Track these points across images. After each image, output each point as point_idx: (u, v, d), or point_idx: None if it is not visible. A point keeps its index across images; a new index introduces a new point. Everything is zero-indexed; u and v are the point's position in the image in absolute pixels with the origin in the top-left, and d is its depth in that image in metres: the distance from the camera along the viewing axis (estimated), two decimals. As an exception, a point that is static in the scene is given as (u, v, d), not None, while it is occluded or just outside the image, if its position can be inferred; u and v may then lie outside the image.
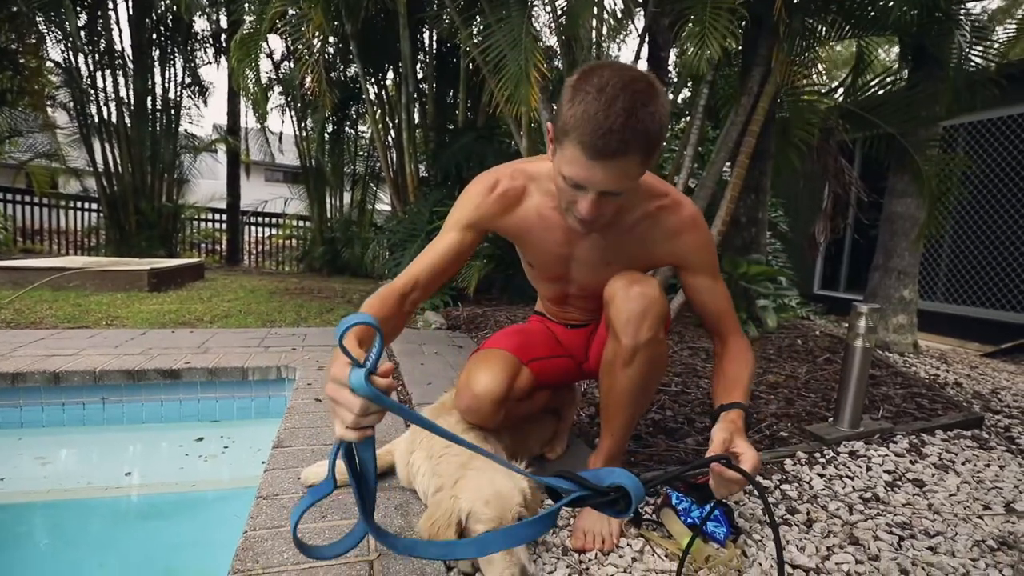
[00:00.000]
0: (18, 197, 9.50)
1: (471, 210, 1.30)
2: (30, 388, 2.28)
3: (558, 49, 4.60)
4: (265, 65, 8.51)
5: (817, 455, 1.86)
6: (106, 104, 7.84)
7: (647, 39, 4.95)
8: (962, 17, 3.62)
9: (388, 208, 7.68)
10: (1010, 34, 4.20)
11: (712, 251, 1.36)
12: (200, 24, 8.62)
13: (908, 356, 3.71)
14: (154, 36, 8.13)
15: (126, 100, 7.94)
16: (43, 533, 1.78)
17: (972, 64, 3.71)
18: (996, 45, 3.85)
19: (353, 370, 0.80)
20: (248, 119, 10.08)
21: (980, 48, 3.71)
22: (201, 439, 2.25)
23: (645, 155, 1.03)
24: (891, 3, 3.52)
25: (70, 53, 7.48)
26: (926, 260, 5.81)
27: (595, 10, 4.15)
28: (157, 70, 8.23)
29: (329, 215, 9.45)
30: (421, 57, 6.01)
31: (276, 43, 8.27)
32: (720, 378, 1.31)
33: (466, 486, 1.16)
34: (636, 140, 0.99)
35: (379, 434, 1.79)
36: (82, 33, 7.45)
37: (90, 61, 7.64)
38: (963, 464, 1.86)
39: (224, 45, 8.52)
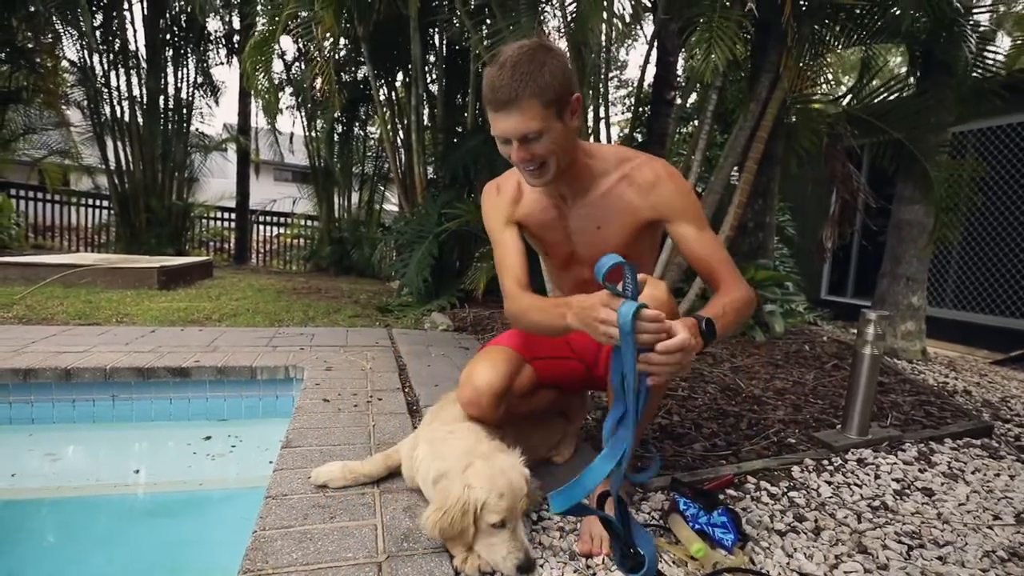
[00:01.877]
0: (31, 194, 9.61)
1: (497, 212, 1.49)
2: (41, 384, 2.30)
3: (568, 53, 4.61)
4: (277, 66, 8.56)
5: (825, 462, 1.86)
6: (119, 103, 7.92)
7: (656, 44, 4.96)
8: (968, 28, 3.60)
9: (396, 209, 7.71)
10: (1017, 42, 4.19)
11: (692, 199, 1.39)
12: (213, 25, 8.71)
13: (916, 363, 3.68)
14: (168, 36, 8.21)
15: (139, 99, 8.02)
16: (52, 529, 1.79)
17: (979, 72, 3.69)
18: (1001, 55, 3.83)
19: (625, 303, 1.04)
20: (259, 119, 10.15)
21: (987, 56, 3.69)
22: (209, 438, 2.27)
23: (542, 97, 1.19)
24: (899, 12, 3.51)
25: (85, 52, 7.56)
26: (935, 267, 5.77)
27: (604, 15, 4.15)
28: (170, 70, 8.32)
29: (337, 215, 9.50)
30: (431, 60, 6.03)
31: (288, 44, 8.31)
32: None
33: (478, 474, 1.17)
34: (525, 87, 1.18)
35: (386, 436, 1.80)
36: (97, 33, 7.53)
37: (104, 60, 7.72)
38: (973, 473, 1.85)
39: (237, 46, 8.59)
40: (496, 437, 1.38)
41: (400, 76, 6.52)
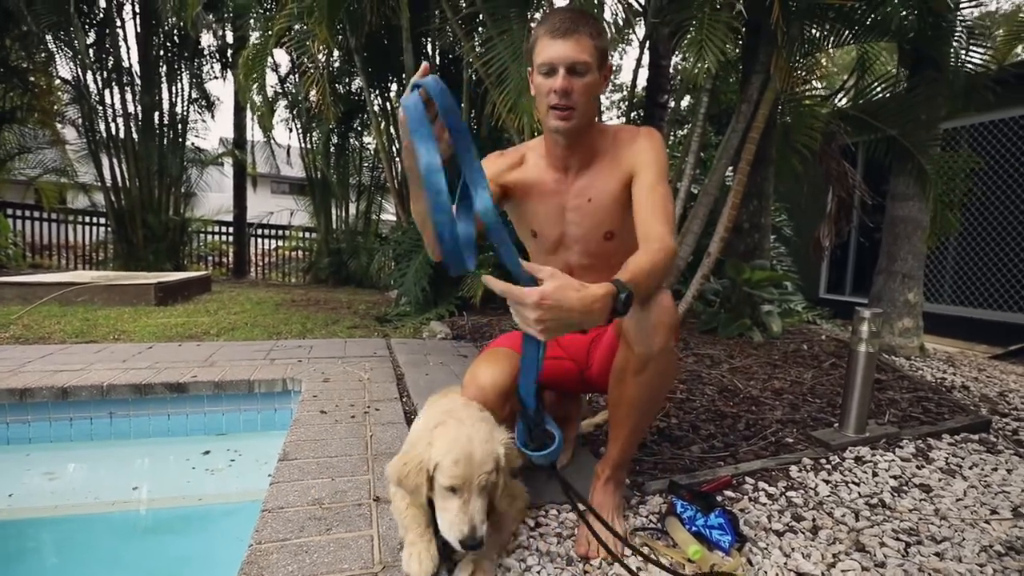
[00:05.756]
0: (27, 213, 9.63)
1: (488, 169, 1.47)
2: (38, 404, 2.30)
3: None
4: (271, 79, 8.60)
5: (823, 461, 1.85)
6: (114, 120, 7.95)
7: (647, 48, 4.99)
8: (959, 27, 3.63)
9: (393, 219, 7.73)
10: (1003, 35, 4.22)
11: (663, 158, 1.42)
12: (206, 40, 8.75)
13: (915, 359, 3.68)
14: (161, 52, 8.25)
15: (134, 115, 8.04)
16: (51, 548, 1.79)
17: (969, 68, 3.72)
18: (990, 50, 3.85)
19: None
20: (254, 132, 10.17)
21: (977, 52, 3.72)
22: (208, 452, 2.27)
23: (595, 40, 1.33)
24: (888, 9, 3.54)
25: (79, 70, 7.59)
26: (932, 262, 5.78)
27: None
28: (164, 85, 8.34)
29: (335, 226, 9.51)
30: (424, 69, 6.06)
31: (281, 57, 8.37)
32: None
33: (443, 435, 1.16)
34: (584, 21, 1.33)
35: (383, 446, 1.80)
36: (91, 51, 7.56)
37: (99, 78, 7.75)
38: (970, 468, 1.85)
39: (230, 60, 8.63)
40: (495, 418, 1.31)
41: (394, 86, 6.56)
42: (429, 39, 5.73)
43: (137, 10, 7.80)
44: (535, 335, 0.98)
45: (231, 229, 10.63)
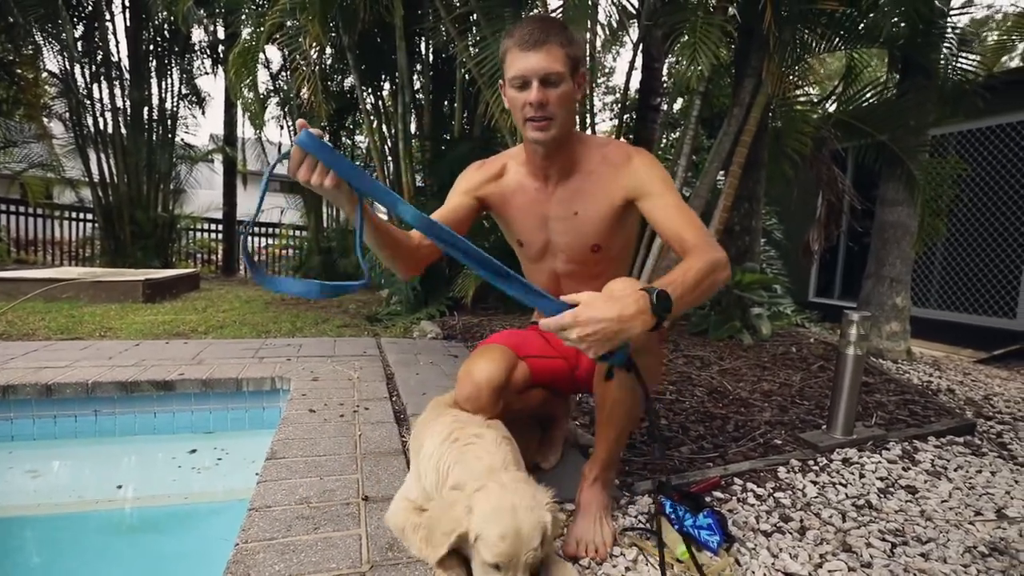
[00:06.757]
0: (12, 208, 9.49)
1: (465, 182, 1.53)
2: (21, 401, 2.26)
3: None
4: (262, 76, 8.52)
5: (811, 463, 1.87)
6: (102, 115, 7.85)
7: (641, 50, 5.00)
8: (949, 33, 3.68)
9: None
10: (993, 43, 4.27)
11: (662, 170, 1.41)
12: (197, 35, 8.67)
13: (901, 363, 3.72)
14: (151, 47, 8.16)
15: (122, 110, 7.95)
16: (34, 548, 1.76)
17: (958, 74, 3.77)
18: (978, 58, 3.90)
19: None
20: (245, 129, 10.10)
21: (965, 59, 3.77)
22: (194, 451, 2.24)
23: (566, 48, 1.31)
24: (879, 15, 3.57)
25: (67, 64, 7.50)
26: (919, 268, 5.85)
27: (589, 23, 4.19)
28: (154, 80, 8.26)
29: (325, 224, 9.46)
30: (418, 68, 6.05)
31: (273, 53, 8.30)
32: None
33: (486, 502, 1.03)
34: (554, 31, 1.30)
35: (372, 446, 1.79)
36: (79, 44, 7.47)
37: (87, 72, 7.66)
38: (955, 470, 1.87)
39: (221, 55, 8.56)
40: (489, 414, 1.33)
41: (387, 85, 6.53)
42: (422, 38, 5.71)
43: (127, 4, 7.72)
44: (589, 354, 1.03)
45: (220, 226, 10.54)
